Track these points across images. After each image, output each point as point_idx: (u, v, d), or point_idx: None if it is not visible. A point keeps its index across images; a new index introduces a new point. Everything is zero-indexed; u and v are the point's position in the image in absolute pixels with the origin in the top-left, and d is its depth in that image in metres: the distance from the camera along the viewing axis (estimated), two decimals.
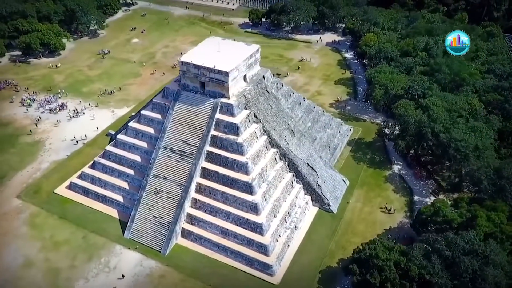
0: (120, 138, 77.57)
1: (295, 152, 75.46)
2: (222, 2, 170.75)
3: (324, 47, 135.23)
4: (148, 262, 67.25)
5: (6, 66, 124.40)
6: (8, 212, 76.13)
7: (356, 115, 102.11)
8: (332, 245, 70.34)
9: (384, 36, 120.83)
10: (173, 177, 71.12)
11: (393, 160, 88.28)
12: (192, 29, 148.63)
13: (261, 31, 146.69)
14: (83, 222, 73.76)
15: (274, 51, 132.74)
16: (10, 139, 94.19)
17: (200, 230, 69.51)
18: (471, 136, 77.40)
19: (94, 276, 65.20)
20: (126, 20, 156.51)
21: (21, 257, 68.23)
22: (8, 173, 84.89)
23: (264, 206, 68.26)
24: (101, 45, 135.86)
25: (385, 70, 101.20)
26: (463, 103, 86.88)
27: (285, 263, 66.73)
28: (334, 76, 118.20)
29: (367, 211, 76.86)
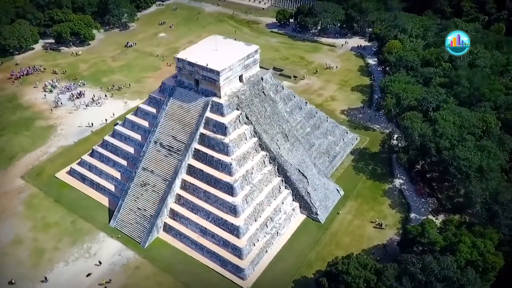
0: (117, 129, 79.59)
1: (286, 157, 74.02)
2: (253, 1, 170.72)
3: (348, 52, 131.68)
4: (127, 253, 68.58)
5: (38, 52, 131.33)
6: (10, 191, 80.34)
7: (367, 124, 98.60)
8: (312, 255, 68.41)
9: (409, 43, 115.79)
10: (160, 172, 72.04)
11: (396, 173, 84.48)
12: (219, 27, 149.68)
13: (287, 32, 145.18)
14: (75, 207, 76.43)
15: (296, 53, 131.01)
16: (26, 122, 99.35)
17: (181, 227, 69.98)
18: (477, 156, 72.51)
19: (74, 260, 67.42)
20: (158, 14, 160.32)
21: (13, 234, 71.84)
22: (18, 154, 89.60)
23: (245, 208, 67.51)
24: (129, 38, 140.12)
25: (400, 79, 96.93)
26: (476, 120, 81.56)
27: (260, 268, 65.72)
28: (352, 82, 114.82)
29: (357, 224, 74.07)
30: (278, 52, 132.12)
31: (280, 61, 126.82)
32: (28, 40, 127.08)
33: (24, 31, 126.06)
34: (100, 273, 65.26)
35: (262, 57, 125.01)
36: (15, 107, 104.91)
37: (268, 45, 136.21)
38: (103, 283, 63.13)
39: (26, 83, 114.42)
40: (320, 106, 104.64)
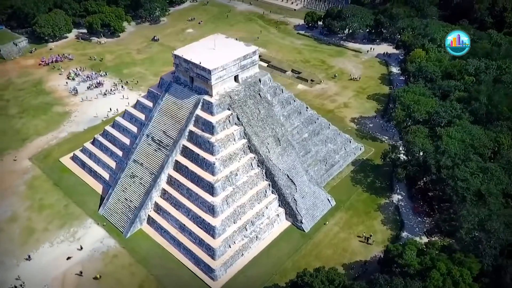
0: (117, 120, 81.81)
1: (275, 161, 72.84)
2: (286, 1, 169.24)
3: (372, 58, 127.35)
4: (109, 241, 70.42)
5: (71, 41, 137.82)
6: (16, 171, 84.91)
7: (376, 135, 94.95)
8: (288, 263, 66.94)
9: (436, 54, 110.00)
10: (148, 165, 73.30)
11: (395, 189, 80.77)
12: (246, 26, 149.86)
13: (314, 34, 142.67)
14: (71, 191, 79.51)
15: (319, 56, 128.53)
16: (45, 107, 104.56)
17: (162, 221, 70.86)
18: (477, 178, 67.82)
19: (58, 243, 70.19)
20: (190, 10, 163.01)
21: (10, 212, 75.91)
22: (31, 136, 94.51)
23: (224, 209, 67.20)
24: (157, 32, 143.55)
25: (415, 90, 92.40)
26: (488, 140, 76.25)
27: (233, 271, 65.22)
28: (370, 90, 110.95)
29: (342, 237, 71.60)
30: (301, 54, 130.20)
31: (301, 63, 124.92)
32: (61, 29, 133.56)
33: (59, 20, 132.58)
34: (80, 258, 67.51)
35: (282, 58, 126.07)
36: (38, 91, 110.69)
37: (292, 46, 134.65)
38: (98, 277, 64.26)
39: (54, 70, 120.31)
40: (331, 112, 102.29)
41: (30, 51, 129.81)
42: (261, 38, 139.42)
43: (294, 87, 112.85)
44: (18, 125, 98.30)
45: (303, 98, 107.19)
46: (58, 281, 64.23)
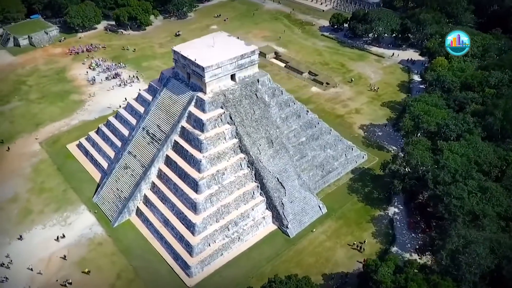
0: (119, 112, 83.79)
1: (266, 163, 71.92)
2: (315, 2, 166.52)
3: (395, 64, 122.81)
4: (97, 228, 72.32)
5: (99, 32, 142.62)
6: (26, 153, 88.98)
7: (383, 143, 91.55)
8: (267, 268, 65.95)
9: (459, 63, 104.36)
10: (140, 157, 74.57)
11: (393, 201, 77.63)
12: (271, 25, 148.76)
13: (338, 37, 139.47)
14: (71, 177, 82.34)
15: (339, 59, 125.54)
16: (63, 95, 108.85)
17: (149, 214, 71.88)
18: (474, 198, 63.82)
19: (51, 226, 72.92)
20: (218, 7, 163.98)
21: (12, 192, 79.69)
22: (45, 122, 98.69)
23: (206, 207, 67.18)
24: (182, 27, 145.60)
25: (427, 99, 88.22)
26: (495, 158, 71.60)
27: (209, 270, 65.14)
28: (386, 97, 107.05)
29: (328, 246, 69.68)
30: (321, 56, 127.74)
31: (319, 65, 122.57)
32: (91, 20, 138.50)
33: (89, 11, 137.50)
34: (68, 242, 69.83)
35: (301, 59, 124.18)
36: (60, 79, 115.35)
37: (313, 48, 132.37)
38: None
39: (78, 59, 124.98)
40: (341, 117, 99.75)
41: (59, 40, 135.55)
42: (283, 38, 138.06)
43: (307, 89, 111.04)
44: (36, 110, 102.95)
45: (315, 101, 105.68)
46: (44, 262, 66.69)
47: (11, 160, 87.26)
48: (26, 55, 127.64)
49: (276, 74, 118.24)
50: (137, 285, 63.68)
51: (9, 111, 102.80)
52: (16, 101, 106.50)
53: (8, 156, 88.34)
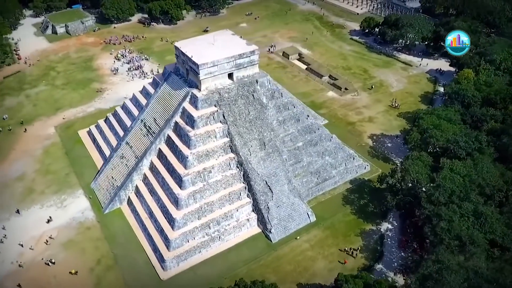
0: (125, 102, 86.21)
1: (255, 165, 71.17)
2: (351, 4, 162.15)
3: (422, 74, 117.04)
4: (88, 213, 74.92)
5: (132, 24, 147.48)
6: (40, 136, 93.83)
7: (390, 155, 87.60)
8: (242, 270, 65.26)
9: (487, 76, 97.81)
10: (136, 149, 76.30)
11: (389, 217, 74.20)
12: (301, 25, 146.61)
13: (367, 41, 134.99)
14: (75, 162, 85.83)
15: (363, 65, 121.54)
16: (86, 82, 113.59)
17: (138, 204, 73.46)
18: (466, 222, 59.67)
19: (48, 206, 76.48)
20: (251, 5, 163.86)
21: (21, 171, 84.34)
22: (65, 107, 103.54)
23: (189, 204, 67.58)
24: (213, 24, 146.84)
25: (440, 113, 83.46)
26: (500, 181, 66.56)
27: (185, 265, 65.53)
28: (404, 108, 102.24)
29: (309, 255, 67.88)
30: (345, 60, 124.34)
31: (341, 70, 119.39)
32: (125, 12, 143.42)
33: (123, 4, 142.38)
34: (59, 223, 72.91)
35: (324, 62, 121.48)
36: (86, 67, 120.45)
37: (339, 51, 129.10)
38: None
39: (107, 49, 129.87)
40: (352, 125, 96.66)
41: (93, 30, 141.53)
42: (310, 39, 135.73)
43: (324, 93, 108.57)
44: (58, 96, 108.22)
45: (329, 106, 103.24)
46: (34, 240, 70.06)
47: (26, 141, 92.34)
48: (61, 43, 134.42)
49: (295, 75, 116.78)
50: (114, 272, 65.33)
51: (34, 95, 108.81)
52: (42, 86, 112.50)
53: (24, 137, 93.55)
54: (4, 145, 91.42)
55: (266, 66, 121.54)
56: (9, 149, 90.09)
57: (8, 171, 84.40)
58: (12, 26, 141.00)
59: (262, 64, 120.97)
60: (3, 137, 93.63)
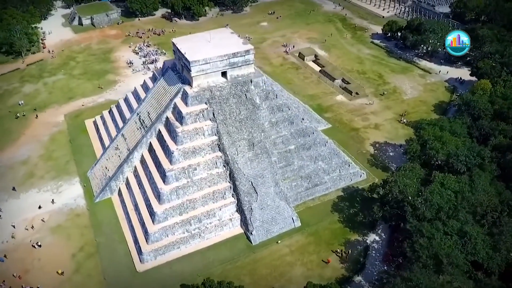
0: (127, 95, 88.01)
1: (241, 165, 70.72)
2: (377, 7, 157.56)
3: (440, 82, 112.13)
4: (80, 201, 77.11)
5: (155, 19, 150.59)
6: (50, 123, 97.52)
7: (390, 165, 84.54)
8: (218, 270, 65.18)
9: (503, 88, 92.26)
10: (129, 141, 77.73)
11: (377, 229, 71.82)
12: (323, 26, 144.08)
13: (388, 46, 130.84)
14: (77, 150, 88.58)
15: (379, 70, 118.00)
16: (102, 74, 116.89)
17: (126, 196, 74.90)
18: (448, 241, 56.65)
19: (44, 191, 79.35)
20: (276, 4, 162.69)
21: (26, 155, 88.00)
22: (77, 96, 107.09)
23: (171, 199, 68.13)
24: (234, 21, 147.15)
25: (443, 125, 79.58)
26: (495, 200, 62.81)
27: (162, 260, 66.17)
28: (414, 116, 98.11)
29: (287, 261, 66.76)
30: (361, 64, 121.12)
31: (356, 74, 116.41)
32: (149, 6, 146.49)
33: None
34: (51, 208, 75.52)
35: (339, 65, 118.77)
36: (104, 59, 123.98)
37: (356, 55, 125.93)
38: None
39: (127, 42, 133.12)
40: (356, 131, 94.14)
41: (117, 23, 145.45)
42: (329, 41, 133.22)
43: (333, 96, 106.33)
44: (73, 85, 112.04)
45: (335, 110, 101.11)
46: (26, 222, 72.89)
47: (35, 127, 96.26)
48: (85, 34, 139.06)
49: (307, 77, 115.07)
50: (94, 260, 66.94)
51: (52, 83, 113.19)
52: (61, 74, 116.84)
53: (35, 123, 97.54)
54: (15, 129, 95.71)
55: (280, 66, 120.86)
56: (19, 134, 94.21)
57: (14, 155, 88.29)
58: (43, 16, 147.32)
59: (276, 64, 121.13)
60: (16, 122, 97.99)
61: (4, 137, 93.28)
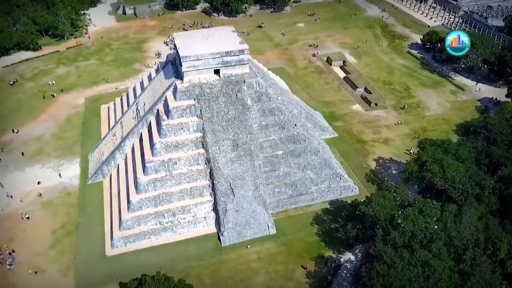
0: (135, 85, 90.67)
1: (222, 165, 70.24)
2: (425, 15, 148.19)
3: (472, 101, 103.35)
4: (75, 181, 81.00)
5: (195, 12, 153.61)
6: (70, 104, 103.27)
7: (389, 183, 79.33)
8: (181, 265, 65.49)
9: None
10: (124, 129, 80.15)
11: (356, 249, 68.12)
12: (360, 32, 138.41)
13: (426, 57, 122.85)
14: (86, 133, 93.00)
15: (407, 82, 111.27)
16: (130, 62, 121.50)
17: (114, 181, 77.38)
18: (409, 272, 52.34)
19: (47, 167, 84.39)
20: (319, 5, 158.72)
21: (41, 132, 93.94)
22: (101, 82, 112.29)
23: (148, 190, 69.33)
24: (271, 20, 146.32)
25: (449, 147, 73.37)
26: (475, 235, 57.14)
27: (131, 247, 67.67)
28: (431, 134, 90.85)
29: (252, 267, 65.45)
30: (390, 74, 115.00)
31: (381, 84, 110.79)
32: (189, 0, 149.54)
33: None
34: (48, 185, 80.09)
35: (366, 74, 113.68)
36: (136, 48, 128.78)
37: (387, 64, 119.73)
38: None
39: (162, 34, 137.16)
40: (362, 143, 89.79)
41: (158, 14, 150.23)
42: (362, 47, 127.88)
43: (349, 105, 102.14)
44: (101, 71, 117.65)
45: (347, 119, 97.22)
46: (22, 195, 77.96)
47: (57, 107, 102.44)
48: (126, 23, 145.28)
49: (328, 83, 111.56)
50: (71, 238, 70.10)
51: (83, 67, 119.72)
52: (93, 60, 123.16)
53: (57, 103, 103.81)
54: (40, 107, 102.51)
55: (304, 69, 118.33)
56: (41, 112, 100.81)
57: (32, 131, 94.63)
58: (93, 4, 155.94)
59: (301, 67, 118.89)
60: (42, 101, 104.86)
61: (28, 113, 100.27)
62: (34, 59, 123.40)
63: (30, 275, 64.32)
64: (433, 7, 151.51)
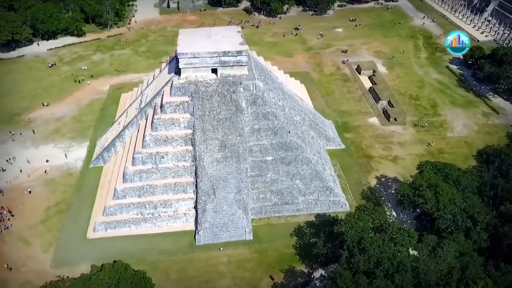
0: (149, 77, 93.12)
1: (206, 164, 70.39)
2: (477, 29, 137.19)
3: (504, 125, 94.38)
4: (79, 163, 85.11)
5: (237, 10, 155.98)
6: (95, 90, 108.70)
7: (385, 203, 74.97)
8: (153, 258, 66.52)
9: None
10: (127, 119, 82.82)
11: (330, 267, 64.73)
12: (400, 41, 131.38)
13: (464, 74, 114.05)
14: (101, 118, 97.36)
15: (436, 99, 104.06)
16: (160, 54, 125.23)
17: (111, 168, 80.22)
18: None
19: (58, 147, 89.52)
20: (363, 11, 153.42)
21: (63, 113, 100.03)
22: (128, 72, 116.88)
23: (133, 180, 71.25)
24: (310, 23, 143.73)
25: (450, 172, 67.63)
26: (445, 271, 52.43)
27: (110, 234, 70.00)
28: (448, 158, 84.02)
29: (220, 270, 65.04)
30: (420, 89, 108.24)
31: (407, 99, 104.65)
32: None
33: None
34: (55, 163, 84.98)
35: (393, 86, 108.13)
36: (170, 41, 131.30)
37: (420, 78, 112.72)
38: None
39: None
40: (368, 159, 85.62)
41: (200, 10, 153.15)
42: (397, 58, 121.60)
43: (366, 117, 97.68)
44: (133, 60, 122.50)
45: (360, 132, 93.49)
46: (30, 170, 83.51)
47: (83, 91, 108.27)
48: (168, 16, 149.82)
49: (351, 92, 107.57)
50: (61, 216, 73.87)
51: (117, 56, 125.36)
52: (128, 50, 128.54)
53: (85, 88, 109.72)
54: (68, 90, 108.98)
55: (329, 75, 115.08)
56: (68, 94, 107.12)
57: (56, 111, 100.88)
58: None
59: (327, 73, 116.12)
60: (73, 84, 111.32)
61: (57, 95, 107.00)
62: (76, 44, 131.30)
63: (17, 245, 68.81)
64: (488, 20, 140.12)
